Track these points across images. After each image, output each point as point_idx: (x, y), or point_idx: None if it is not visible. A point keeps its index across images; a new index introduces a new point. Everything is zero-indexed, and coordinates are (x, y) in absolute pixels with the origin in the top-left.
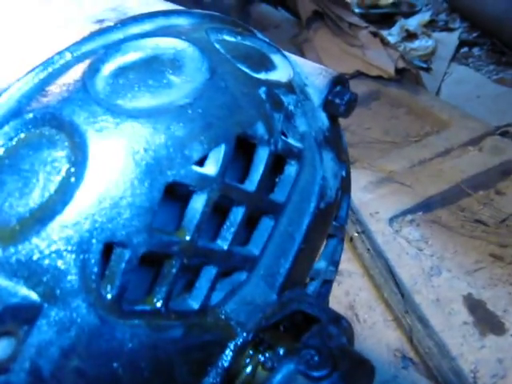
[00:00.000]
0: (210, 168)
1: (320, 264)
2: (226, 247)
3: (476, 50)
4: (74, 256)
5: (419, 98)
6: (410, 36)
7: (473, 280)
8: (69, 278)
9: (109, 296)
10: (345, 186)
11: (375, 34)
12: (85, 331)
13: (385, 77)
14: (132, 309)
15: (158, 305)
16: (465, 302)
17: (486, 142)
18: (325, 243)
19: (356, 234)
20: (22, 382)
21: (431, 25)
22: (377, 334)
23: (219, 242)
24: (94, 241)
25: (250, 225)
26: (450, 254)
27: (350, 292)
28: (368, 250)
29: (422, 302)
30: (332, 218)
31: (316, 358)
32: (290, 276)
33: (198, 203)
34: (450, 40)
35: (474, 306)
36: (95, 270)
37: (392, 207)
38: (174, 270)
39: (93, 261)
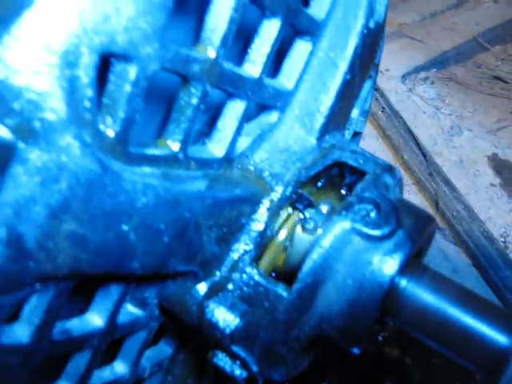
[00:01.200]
0: None
1: (352, 112)
2: (256, 74)
3: None
4: (56, 71)
5: None
6: None
7: (496, 139)
8: (51, 103)
9: (110, 133)
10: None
11: None
12: (80, 181)
13: None
14: (142, 153)
15: (175, 148)
16: (490, 163)
17: None
18: None
19: None
20: (0, 257)
21: None
22: None
23: (247, 66)
24: (84, 49)
25: (280, 54)
26: (470, 113)
27: None
28: (383, 109)
29: (444, 164)
30: (378, 47)
31: (375, 214)
32: (332, 116)
33: (223, 5)
34: None
35: (500, 166)
36: (88, 93)
37: (403, 64)
38: (194, 101)
39: (84, 80)
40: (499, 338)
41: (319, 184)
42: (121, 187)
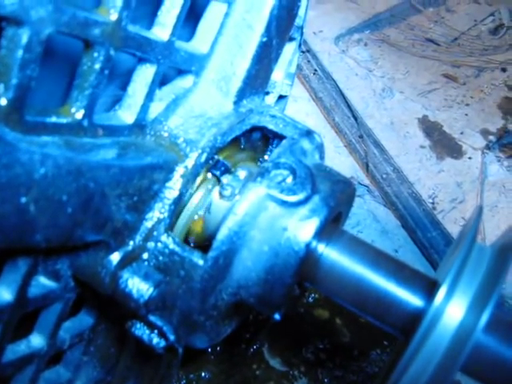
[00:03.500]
0: None
1: (276, 75)
2: (165, 37)
3: None
4: None
5: None
6: None
7: (427, 101)
8: None
9: (3, 101)
10: None
11: None
12: None
13: None
14: (41, 121)
15: (79, 116)
16: (420, 125)
17: None
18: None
19: (301, 53)
20: None
21: None
22: (327, 161)
23: (156, 30)
24: None
25: (193, 15)
26: (402, 75)
27: (297, 118)
28: (315, 71)
29: (375, 126)
30: (297, 9)
31: (290, 179)
32: (249, 80)
33: None
34: None
35: (430, 128)
36: None
37: (337, 25)
38: (97, 66)
39: None
40: (412, 299)
41: (238, 150)
42: (16, 158)
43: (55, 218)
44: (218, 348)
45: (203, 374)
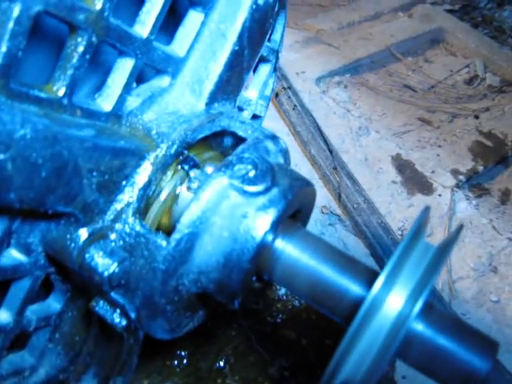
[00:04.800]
0: None
1: (251, 93)
2: (144, 34)
3: None
4: None
5: None
6: None
7: (401, 142)
8: None
9: None
10: None
11: None
12: None
13: None
14: (25, 91)
15: (59, 94)
16: (393, 162)
17: (416, 9)
18: (258, 69)
19: (282, 89)
20: None
21: None
22: None
23: (137, 27)
24: None
25: (174, 23)
26: (378, 116)
27: None
28: (295, 106)
29: (350, 161)
30: (269, 26)
31: (252, 173)
32: (221, 84)
33: None
34: None
35: (403, 166)
36: None
37: (319, 68)
38: (80, 49)
39: None
40: (357, 290)
41: (207, 149)
42: None
43: (30, 179)
44: (185, 361)
45: None
